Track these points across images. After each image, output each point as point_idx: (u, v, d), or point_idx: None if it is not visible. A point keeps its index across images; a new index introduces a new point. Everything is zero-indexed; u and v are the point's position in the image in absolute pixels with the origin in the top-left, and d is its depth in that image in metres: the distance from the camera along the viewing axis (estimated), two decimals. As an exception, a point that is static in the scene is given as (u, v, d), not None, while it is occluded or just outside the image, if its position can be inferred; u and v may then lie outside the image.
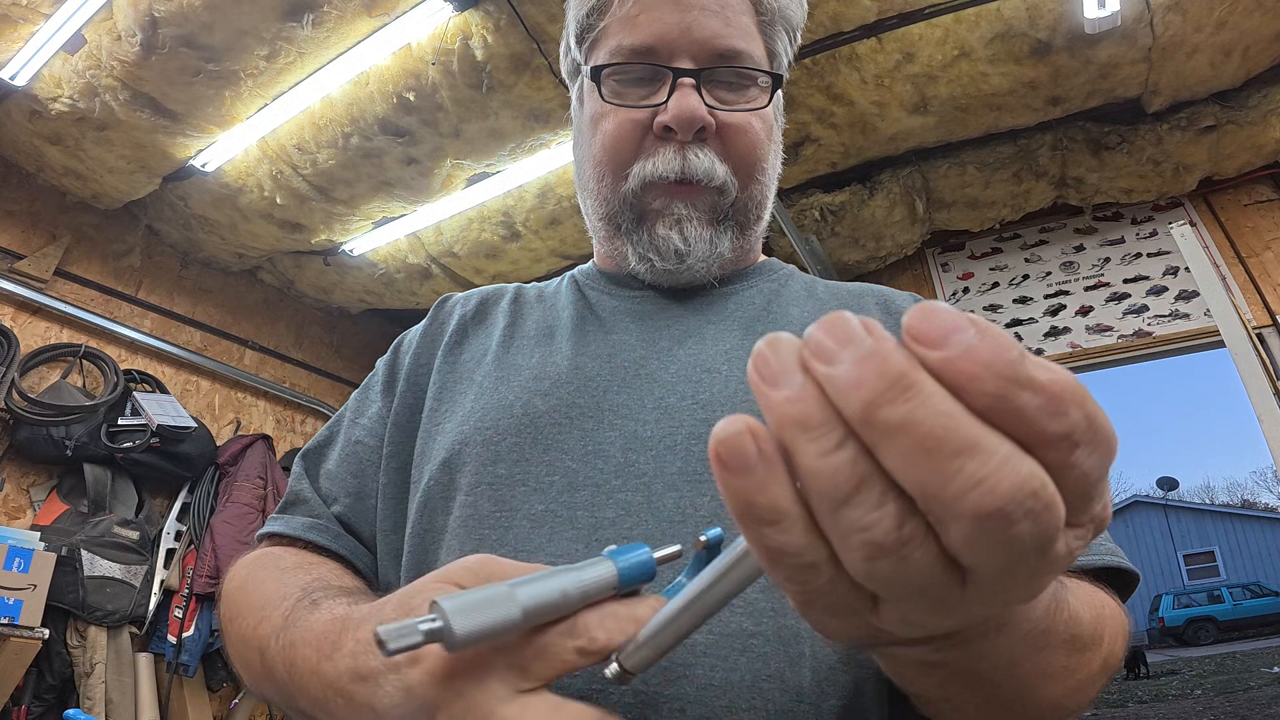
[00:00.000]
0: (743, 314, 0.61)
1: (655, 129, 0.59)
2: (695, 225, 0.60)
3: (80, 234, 2.98)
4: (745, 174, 0.61)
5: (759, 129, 0.61)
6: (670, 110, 0.58)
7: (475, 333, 0.66)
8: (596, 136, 0.62)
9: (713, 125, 0.59)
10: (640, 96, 0.60)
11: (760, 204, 0.64)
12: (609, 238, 0.64)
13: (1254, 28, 2.29)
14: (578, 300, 0.66)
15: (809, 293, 0.65)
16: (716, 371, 0.54)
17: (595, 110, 0.63)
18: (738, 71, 0.60)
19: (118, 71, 2.26)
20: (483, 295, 0.70)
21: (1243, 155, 2.75)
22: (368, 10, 2.12)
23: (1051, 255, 3.15)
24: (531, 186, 2.86)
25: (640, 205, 0.61)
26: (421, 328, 0.69)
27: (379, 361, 0.69)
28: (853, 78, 2.46)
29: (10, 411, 2.51)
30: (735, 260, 0.65)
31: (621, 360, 0.57)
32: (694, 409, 0.52)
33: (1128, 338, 2.88)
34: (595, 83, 0.62)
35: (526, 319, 0.65)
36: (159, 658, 2.66)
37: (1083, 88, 2.54)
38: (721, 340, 0.58)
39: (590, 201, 0.65)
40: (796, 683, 0.41)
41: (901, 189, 2.97)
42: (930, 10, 2.21)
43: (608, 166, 0.61)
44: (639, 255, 0.61)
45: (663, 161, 0.58)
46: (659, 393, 0.53)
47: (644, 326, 0.61)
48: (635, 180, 0.60)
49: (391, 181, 2.80)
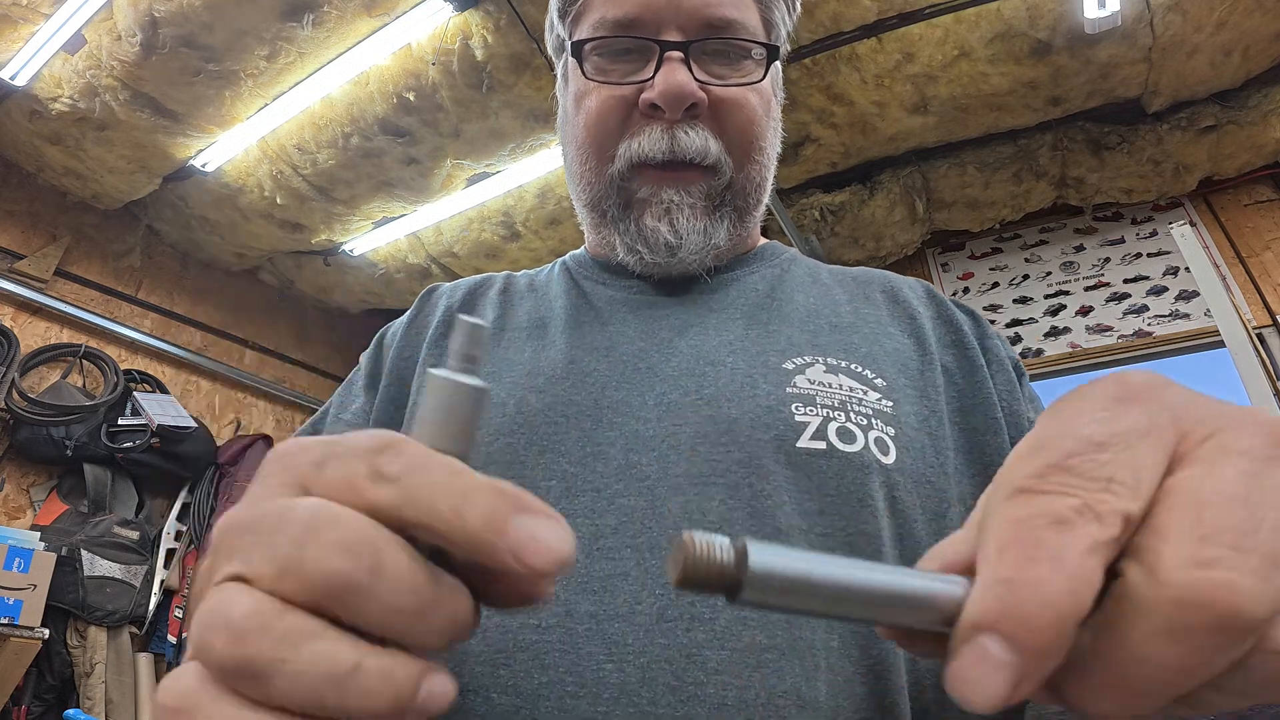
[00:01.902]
0: (745, 301, 0.57)
1: (641, 106, 0.55)
2: (688, 215, 0.55)
3: (80, 234, 2.98)
4: (741, 153, 0.56)
5: (755, 104, 0.57)
6: (657, 86, 0.53)
7: None
8: (579, 116, 0.58)
9: (704, 101, 0.54)
10: (625, 72, 0.56)
11: (759, 186, 0.59)
12: (596, 225, 0.60)
13: (1254, 28, 2.29)
14: (570, 290, 0.61)
15: (813, 279, 0.62)
16: (721, 364, 0.50)
17: (578, 88, 0.58)
18: (730, 43, 0.56)
19: (118, 71, 2.26)
20: (470, 285, 0.65)
21: (1243, 155, 2.75)
22: (368, 10, 2.12)
23: (1051, 255, 3.15)
24: (531, 186, 2.86)
25: (627, 191, 0.56)
26: (406, 320, 0.64)
27: (362, 355, 0.65)
28: (853, 78, 2.46)
29: (10, 411, 2.51)
30: (733, 248, 0.60)
31: (620, 354, 0.53)
32: (698, 405, 0.48)
33: (1128, 338, 2.88)
34: (577, 59, 0.57)
35: (517, 310, 0.61)
36: (159, 658, 2.66)
37: (1083, 88, 2.54)
38: (724, 330, 0.54)
39: (576, 186, 0.61)
40: (813, 697, 0.38)
41: (901, 189, 2.97)
42: (930, 10, 2.21)
43: (591, 148, 0.57)
44: (627, 246, 0.57)
45: (649, 141, 0.54)
46: (660, 388, 0.50)
47: (642, 317, 0.56)
48: (622, 161, 0.55)
49: (391, 181, 2.80)
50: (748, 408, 0.47)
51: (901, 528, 0.44)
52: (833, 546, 0.43)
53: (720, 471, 0.44)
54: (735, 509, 0.43)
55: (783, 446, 0.45)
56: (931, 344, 0.55)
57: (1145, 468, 0.18)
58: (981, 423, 0.52)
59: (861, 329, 0.55)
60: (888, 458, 0.46)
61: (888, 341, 0.55)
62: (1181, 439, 0.19)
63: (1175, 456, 0.19)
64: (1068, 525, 0.17)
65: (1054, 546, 0.17)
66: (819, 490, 0.44)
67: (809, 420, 0.46)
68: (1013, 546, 0.18)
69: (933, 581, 0.19)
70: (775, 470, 0.44)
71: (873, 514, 0.43)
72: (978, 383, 0.54)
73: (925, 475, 0.47)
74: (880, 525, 0.43)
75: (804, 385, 0.49)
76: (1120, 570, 0.18)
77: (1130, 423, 0.19)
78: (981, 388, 0.53)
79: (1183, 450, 0.19)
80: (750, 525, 0.42)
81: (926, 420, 0.50)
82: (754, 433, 0.46)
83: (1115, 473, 0.18)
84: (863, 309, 0.58)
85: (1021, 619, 0.17)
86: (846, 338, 0.54)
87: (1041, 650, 0.17)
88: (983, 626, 0.17)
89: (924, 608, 0.19)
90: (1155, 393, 0.20)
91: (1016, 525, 0.18)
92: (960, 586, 0.19)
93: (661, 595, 0.40)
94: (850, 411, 0.47)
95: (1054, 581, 0.17)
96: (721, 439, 0.46)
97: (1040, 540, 0.17)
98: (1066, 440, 0.19)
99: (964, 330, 0.58)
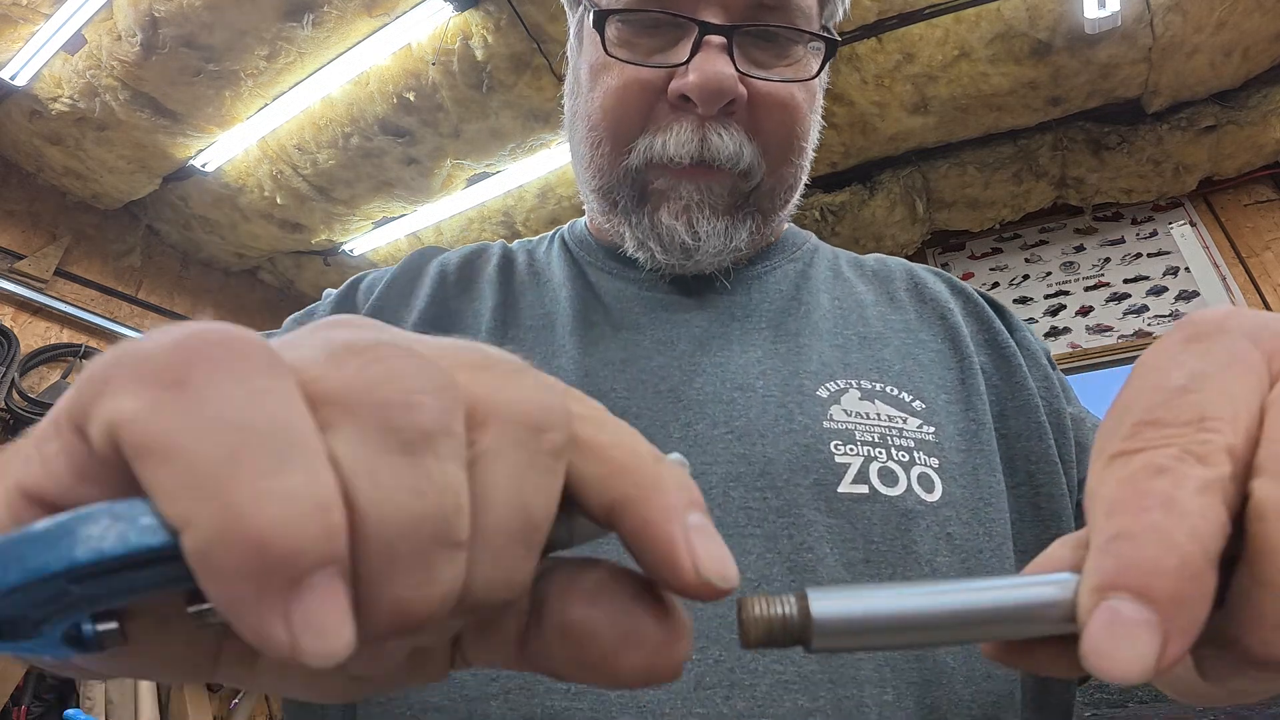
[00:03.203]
0: (770, 306, 0.52)
1: (670, 96, 0.47)
2: (709, 215, 0.49)
3: (80, 234, 2.98)
4: (778, 156, 0.50)
5: (801, 102, 0.49)
6: (693, 76, 0.45)
7: (459, 308, 0.53)
8: (595, 93, 0.50)
9: (744, 98, 0.47)
10: (653, 49, 0.48)
11: (791, 187, 0.53)
12: (604, 212, 0.53)
13: (1254, 28, 2.29)
14: (575, 279, 0.55)
15: (835, 273, 0.57)
16: (751, 389, 0.45)
17: (596, 59, 0.50)
18: (780, 30, 0.48)
19: (118, 71, 2.26)
20: (464, 258, 0.58)
21: (1243, 155, 2.75)
22: (368, 10, 2.12)
23: (1051, 255, 3.15)
24: (531, 186, 2.86)
25: (642, 182, 0.50)
26: (389, 276, 0.57)
27: (327, 293, 0.58)
28: (853, 78, 2.46)
29: (10, 411, 2.51)
30: (754, 246, 0.54)
31: (638, 370, 0.47)
32: (729, 440, 0.43)
33: (1128, 338, 2.88)
34: (598, 29, 0.49)
35: (519, 303, 0.54)
36: (159, 658, 2.66)
37: (1083, 88, 2.54)
38: (750, 345, 0.49)
39: (584, 170, 0.53)
40: None
41: (901, 189, 2.97)
42: (930, 10, 2.21)
43: (607, 134, 0.50)
44: (637, 241, 0.51)
45: (676, 141, 0.47)
46: (685, 416, 0.44)
47: (657, 322, 0.50)
48: (639, 158, 0.48)
49: (391, 181, 2.80)
50: (784, 445, 0.43)
51: (965, 563, 0.41)
52: None
53: (756, 520, 0.40)
54: (773, 563, 0.39)
55: (823, 493, 0.41)
56: (967, 345, 0.51)
57: (1238, 397, 0.17)
58: (1023, 427, 0.48)
59: (892, 340, 0.51)
60: (932, 495, 0.42)
61: (921, 353, 0.51)
62: (1271, 357, 0.18)
63: (1273, 375, 0.18)
64: (1170, 471, 0.16)
65: (1161, 493, 0.16)
66: (864, 539, 0.41)
67: (849, 461, 0.43)
68: (1119, 505, 0.17)
69: (1030, 583, 0.17)
70: (816, 520, 0.41)
71: (917, 561, 0.41)
72: (1016, 384, 0.50)
73: (974, 504, 0.44)
74: (925, 573, 0.41)
75: (840, 417, 0.44)
76: (1249, 493, 0.17)
77: (1210, 359, 0.18)
78: (1020, 390, 0.50)
79: (1278, 367, 0.18)
80: (790, 581, 0.39)
81: (973, 438, 0.46)
82: (792, 476, 0.42)
83: (1207, 410, 0.17)
84: (890, 315, 0.53)
85: (1146, 568, 0.15)
86: (878, 353, 0.49)
87: (1178, 598, 0.15)
88: (1105, 587, 0.16)
89: (1025, 612, 0.17)
90: (1227, 323, 0.19)
91: (1118, 485, 0.17)
92: (1069, 578, 0.17)
93: (699, 660, 0.36)
94: (891, 446, 0.44)
95: (1170, 523, 0.16)
96: (757, 482, 0.42)
97: (1146, 491, 0.16)
98: (1148, 394, 0.18)
99: (996, 326, 0.54)
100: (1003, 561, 0.43)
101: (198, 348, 0.14)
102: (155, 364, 0.14)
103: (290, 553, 0.12)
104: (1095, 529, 0.17)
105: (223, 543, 0.12)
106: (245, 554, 0.12)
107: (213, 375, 0.13)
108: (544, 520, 0.16)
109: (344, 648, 0.13)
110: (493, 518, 0.15)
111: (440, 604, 0.14)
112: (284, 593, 0.13)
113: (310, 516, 0.13)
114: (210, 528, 0.12)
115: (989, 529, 0.43)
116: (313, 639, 0.13)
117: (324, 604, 0.13)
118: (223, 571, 0.13)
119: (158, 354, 0.14)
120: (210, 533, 0.12)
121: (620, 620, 0.17)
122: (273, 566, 0.12)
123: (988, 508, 0.44)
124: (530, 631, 0.18)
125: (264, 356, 0.14)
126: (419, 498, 0.14)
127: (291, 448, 0.13)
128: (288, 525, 0.12)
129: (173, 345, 0.14)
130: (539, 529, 0.16)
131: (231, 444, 0.13)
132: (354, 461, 0.14)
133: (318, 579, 0.13)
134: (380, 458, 0.14)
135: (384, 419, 0.14)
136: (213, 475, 0.13)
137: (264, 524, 0.12)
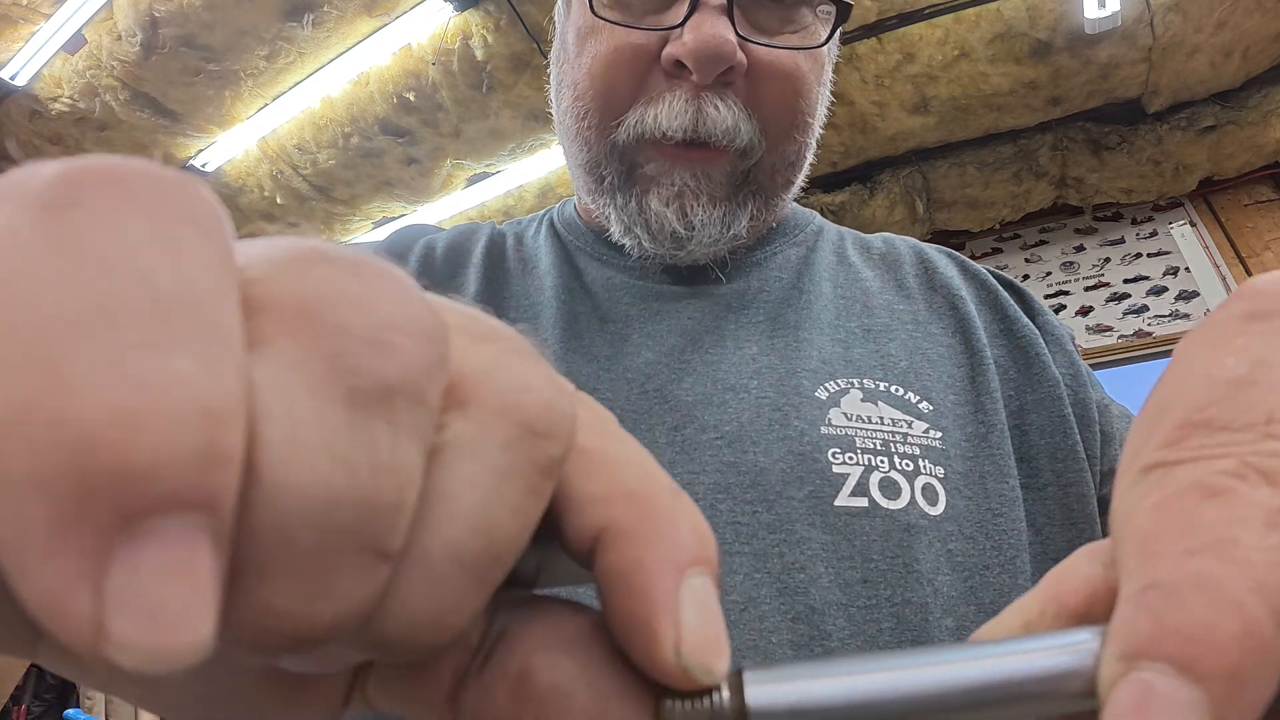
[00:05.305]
0: (768, 297, 0.48)
1: (664, 62, 0.43)
2: (704, 203, 0.45)
3: (80, 234, 2.98)
4: (780, 131, 0.46)
5: (807, 72, 0.46)
6: (688, 40, 0.42)
7: (441, 294, 0.45)
8: (583, 58, 0.46)
9: (743, 66, 0.43)
10: (646, 9, 0.44)
11: (794, 165, 0.49)
12: (590, 191, 0.49)
13: (1254, 28, 2.29)
14: (561, 264, 0.51)
15: (839, 257, 0.53)
16: (743, 390, 0.42)
17: (584, 22, 0.46)
18: None
19: (118, 71, 2.26)
20: (451, 241, 0.53)
21: (1243, 155, 2.75)
22: (368, 10, 2.12)
23: (1051, 255, 3.15)
24: (531, 186, 2.86)
25: (631, 161, 0.46)
26: (372, 251, 0.47)
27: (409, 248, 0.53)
28: (853, 78, 2.46)
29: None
30: (754, 231, 0.50)
31: (624, 368, 0.44)
32: (718, 446, 0.40)
33: (1128, 338, 2.88)
34: None
35: (504, 294, 0.50)
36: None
37: (1083, 88, 2.54)
38: (745, 340, 0.46)
39: (569, 143, 0.49)
40: None
41: (901, 189, 2.97)
42: (930, 10, 2.21)
43: (594, 103, 0.46)
44: (623, 226, 0.47)
45: (669, 112, 0.43)
46: (672, 419, 0.41)
47: (647, 313, 0.47)
48: (630, 131, 0.44)
49: (392, 181, 2.80)
50: (777, 454, 0.40)
51: (967, 582, 0.39)
52: (878, 619, 0.37)
53: (745, 537, 0.38)
54: (762, 584, 0.36)
55: (818, 506, 0.39)
56: (980, 337, 0.47)
57: None
58: (1045, 422, 0.45)
59: (898, 333, 0.47)
60: (935, 508, 0.40)
61: (930, 347, 0.47)
62: None
63: None
64: (1227, 494, 0.12)
65: (1215, 526, 0.12)
66: (861, 556, 0.38)
67: (848, 471, 0.40)
68: (1156, 541, 0.12)
69: (1035, 648, 0.12)
70: (810, 536, 0.38)
71: (919, 580, 0.38)
72: (1035, 375, 0.46)
73: (981, 517, 0.41)
74: (926, 593, 0.37)
75: (840, 422, 0.41)
76: None
77: (1277, 341, 0.13)
78: (1040, 382, 0.46)
79: None
80: (780, 604, 0.36)
81: (983, 441, 0.43)
82: (785, 488, 0.39)
83: (1277, 409, 0.12)
84: (897, 305, 0.50)
85: (1192, 634, 0.11)
86: (883, 347, 0.46)
87: (1236, 675, 0.10)
88: (1137, 654, 0.11)
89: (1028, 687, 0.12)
90: None
91: (1155, 512, 0.12)
92: (1086, 637, 0.12)
93: None
94: (894, 454, 0.41)
95: (1227, 572, 0.11)
96: (747, 494, 0.39)
97: (1194, 522, 0.12)
98: (1196, 386, 0.13)
99: (1012, 313, 0.50)
100: (1013, 578, 0.40)
101: (112, 169, 0.10)
102: (43, 179, 0.09)
103: (134, 468, 0.08)
104: (1125, 571, 0.12)
105: (19, 424, 0.08)
106: (52, 449, 0.08)
107: (116, 206, 0.09)
108: (510, 551, 0.11)
109: (189, 647, 0.08)
110: (443, 532, 0.11)
111: (330, 629, 0.10)
112: (103, 533, 0.08)
113: (187, 423, 0.08)
114: (12, 399, 0.08)
115: (997, 543, 0.40)
116: (133, 622, 0.08)
117: (170, 567, 0.08)
118: (7, 472, 0.08)
119: (53, 172, 0.09)
120: (9, 406, 0.08)
121: (603, 685, 0.12)
122: (96, 484, 0.08)
123: (997, 519, 0.41)
124: (469, 678, 0.13)
125: (202, 208, 0.11)
126: (348, 473, 0.09)
127: (195, 324, 0.09)
128: (145, 426, 0.08)
129: (79, 166, 0.10)
130: (500, 561, 0.11)
131: (106, 292, 0.08)
132: (273, 396, 0.09)
133: (170, 525, 0.08)
134: (311, 401, 0.10)
135: (335, 351, 0.10)
136: (58, 329, 0.08)
137: (103, 413, 0.08)
